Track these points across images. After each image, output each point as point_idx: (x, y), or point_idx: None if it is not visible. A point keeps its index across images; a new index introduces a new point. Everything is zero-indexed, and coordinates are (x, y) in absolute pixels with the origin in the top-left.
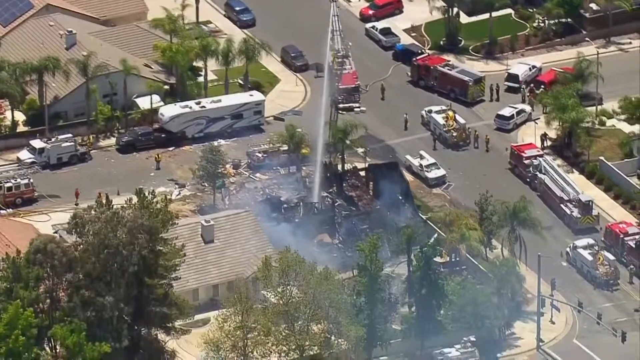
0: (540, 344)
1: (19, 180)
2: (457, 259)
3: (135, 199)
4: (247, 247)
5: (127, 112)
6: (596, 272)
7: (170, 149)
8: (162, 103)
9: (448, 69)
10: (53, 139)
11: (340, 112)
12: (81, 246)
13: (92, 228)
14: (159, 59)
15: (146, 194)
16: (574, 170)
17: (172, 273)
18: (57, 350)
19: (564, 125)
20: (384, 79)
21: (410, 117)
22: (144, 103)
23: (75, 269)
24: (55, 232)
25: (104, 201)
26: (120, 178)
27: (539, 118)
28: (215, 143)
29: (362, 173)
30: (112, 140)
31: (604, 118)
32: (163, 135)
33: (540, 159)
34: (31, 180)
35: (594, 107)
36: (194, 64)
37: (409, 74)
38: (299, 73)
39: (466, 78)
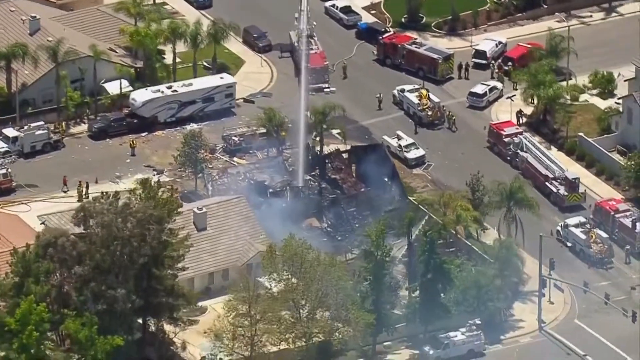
0: (542, 324)
1: None
2: (451, 240)
3: (139, 189)
4: (240, 233)
5: (96, 98)
6: (590, 251)
7: (143, 134)
8: (130, 88)
9: (416, 47)
10: (25, 127)
11: (310, 93)
12: (88, 238)
13: (102, 220)
14: (125, 43)
15: (151, 183)
16: (552, 147)
17: (178, 263)
18: (66, 344)
19: (541, 102)
20: (349, 58)
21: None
22: (112, 88)
23: (84, 262)
24: (42, 223)
25: (108, 192)
26: (95, 165)
27: (514, 95)
28: (188, 127)
29: (345, 155)
30: (83, 127)
31: (575, 93)
32: (135, 121)
33: (521, 136)
34: (9, 170)
35: (564, 83)
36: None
37: (375, 52)
38: (262, 54)
39: (435, 56)
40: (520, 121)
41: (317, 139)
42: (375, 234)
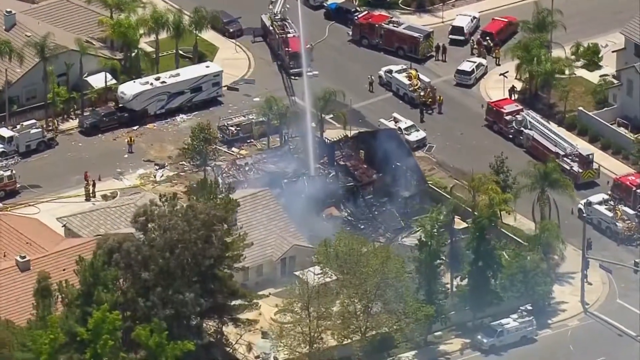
0: (586, 306)
1: (1, 172)
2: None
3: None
4: (270, 227)
5: (83, 93)
6: (617, 228)
7: (134, 128)
8: (114, 81)
9: (394, 26)
10: (18, 126)
11: (293, 77)
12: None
13: (166, 223)
14: (100, 35)
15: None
16: (551, 123)
17: (238, 263)
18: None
19: (539, 77)
20: (323, 40)
21: (364, 77)
22: (95, 82)
23: (149, 266)
24: (63, 226)
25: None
26: (94, 162)
27: (507, 71)
28: (178, 119)
29: (355, 142)
30: (72, 123)
31: (562, 67)
32: (126, 115)
33: (523, 113)
34: (14, 172)
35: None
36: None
37: (350, 33)
38: (234, 39)
39: (416, 34)
40: (513, 98)
41: (314, 125)
42: (430, 224)
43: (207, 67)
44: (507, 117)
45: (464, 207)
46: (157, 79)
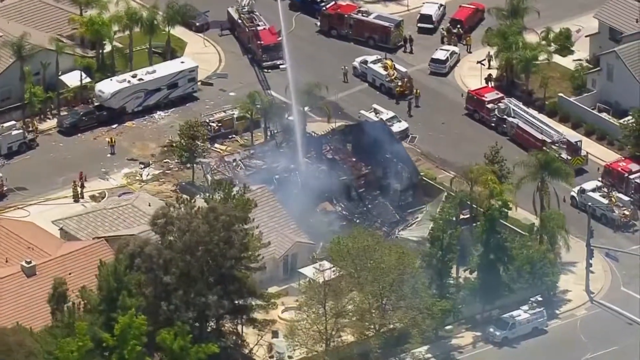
0: (591, 295)
1: None
2: (473, 215)
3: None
4: (271, 225)
5: (59, 92)
6: (613, 215)
7: (114, 126)
8: (88, 79)
9: (364, 16)
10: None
11: (266, 71)
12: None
13: (187, 226)
14: (78, 33)
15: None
16: (530, 110)
17: (256, 263)
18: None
19: (519, 65)
20: (291, 32)
21: (338, 68)
22: (70, 80)
23: (170, 269)
24: (61, 229)
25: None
26: (77, 162)
27: (484, 59)
28: (156, 115)
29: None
30: (50, 123)
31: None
32: (105, 113)
33: (506, 101)
34: (1, 175)
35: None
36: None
37: (318, 24)
38: (200, 33)
39: (387, 23)
40: (490, 86)
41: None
42: (442, 218)
43: (182, 62)
44: (489, 106)
45: (466, 199)
46: (134, 76)
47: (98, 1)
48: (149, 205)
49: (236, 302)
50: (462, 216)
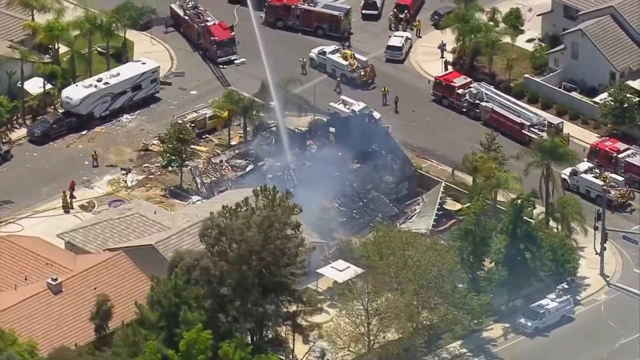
0: (607, 278)
1: None
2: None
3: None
4: None
5: (24, 100)
6: (609, 195)
7: (83, 132)
8: (49, 85)
9: (312, 6)
10: None
11: (222, 67)
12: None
13: (241, 236)
14: (36, 40)
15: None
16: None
17: (303, 269)
18: None
19: (487, 47)
20: (235, 25)
21: (292, 61)
22: (31, 88)
23: (225, 281)
24: (68, 242)
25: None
26: (57, 171)
27: (445, 44)
28: (123, 119)
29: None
30: (18, 133)
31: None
32: (74, 120)
33: (476, 85)
34: None
35: None
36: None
37: (263, 16)
38: (143, 31)
39: (336, 12)
40: (450, 70)
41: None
42: (475, 211)
43: (144, 63)
44: (459, 91)
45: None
46: (99, 80)
47: (53, 7)
48: (155, 213)
49: (286, 309)
50: (460, 205)
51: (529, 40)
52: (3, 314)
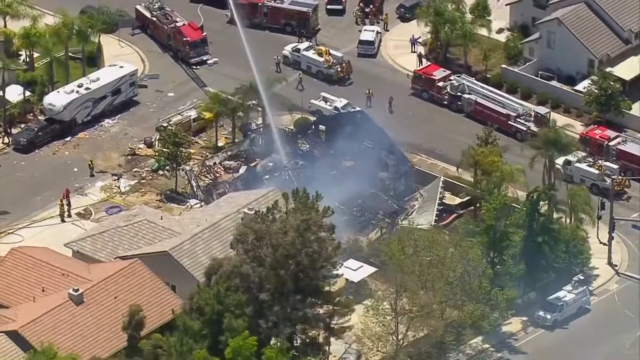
0: (615, 267)
1: None
2: (468, 198)
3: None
4: None
5: (4, 109)
6: (605, 184)
7: (67, 139)
8: (28, 93)
9: (279, 3)
10: None
11: (195, 67)
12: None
13: (280, 240)
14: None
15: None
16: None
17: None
18: None
19: (465, 39)
20: (201, 25)
21: (263, 59)
22: (12, 96)
23: (264, 286)
24: (77, 252)
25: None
26: (47, 180)
27: (419, 37)
28: (105, 123)
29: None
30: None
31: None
32: (58, 127)
33: (458, 78)
34: None
35: None
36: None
37: (228, 14)
38: (110, 34)
39: (305, 8)
40: (422, 63)
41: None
42: (495, 206)
43: (122, 67)
44: (440, 84)
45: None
46: (80, 85)
47: (28, 14)
48: (161, 219)
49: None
50: (459, 200)
51: (499, 31)
52: (28, 327)
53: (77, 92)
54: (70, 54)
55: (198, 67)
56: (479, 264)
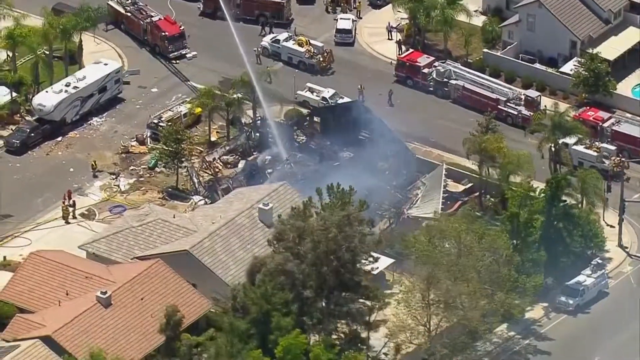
0: (626, 249)
1: None
2: (471, 185)
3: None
4: None
5: None
6: (604, 166)
7: (59, 139)
8: (14, 94)
9: None
10: None
11: (175, 62)
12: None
13: (322, 237)
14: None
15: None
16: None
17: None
18: None
19: (447, 25)
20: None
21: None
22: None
23: (307, 283)
24: (93, 253)
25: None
26: (45, 181)
27: (399, 24)
28: (94, 122)
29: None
30: None
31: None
32: (48, 127)
33: (443, 64)
34: None
35: None
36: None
37: (200, 7)
38: (84, 31)
39: None
40: (402, 50)
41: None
42: (519, 193)
43: (106, 64)
44: (425, 70)
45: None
46: (68, 85)
47: (9, 14)
48: (174, 217)
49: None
50: (463, 187)
51: (480, 15)
52: (61, 332)
53: (66, 91)
54: (52, 53)
55: (177, 61)
56: (507, 252)
